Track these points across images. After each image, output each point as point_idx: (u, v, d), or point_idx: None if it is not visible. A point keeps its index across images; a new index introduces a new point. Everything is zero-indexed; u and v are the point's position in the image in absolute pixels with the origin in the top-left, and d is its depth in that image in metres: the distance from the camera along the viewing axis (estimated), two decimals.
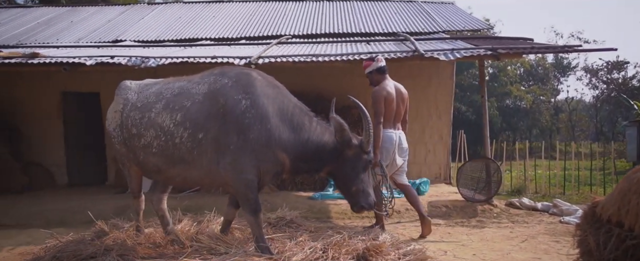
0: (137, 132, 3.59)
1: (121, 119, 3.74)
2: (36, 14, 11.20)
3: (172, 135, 3.42)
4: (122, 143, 3.78)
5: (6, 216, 5.78)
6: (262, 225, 3.46)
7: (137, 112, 3.64)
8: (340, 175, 3.54)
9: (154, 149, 3.51)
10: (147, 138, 3.54)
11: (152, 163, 3.60)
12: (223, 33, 9.32)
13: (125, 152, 3.81)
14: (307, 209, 6.07)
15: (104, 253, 3.39)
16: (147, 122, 3.55)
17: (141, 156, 3.64)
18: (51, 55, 6.42)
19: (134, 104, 3.71)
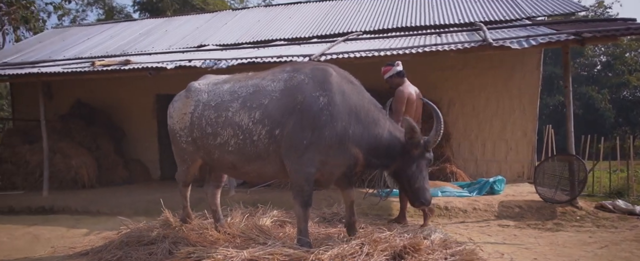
0: (212, 131, 3.59)
1: (192, 119, 3.76)
2: (139, 26, 12.50)
3: (251, 133, 3.43)
4: (190, 142, 3.85)
5: (105, 205, 6.56)
6: (308, 219, 3.56)
7: (212, 111, 3.62)
8: (406, 172, 3.59)
9: (230, 147, 3.52)
10: (223, 137, 3.54)
11: (227, 161, 3.61)
12: (296, 33, 9.59)
13: (192, 150, 3.89)
14: (369, 206, 6.05)
15: (162, 239, 3.74)
16: (224, 121, 3.54)
17: (216, 154, 3.62)
18: (140, 62, 7.18)
19: (207, 104, 3.70)
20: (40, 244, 4.42)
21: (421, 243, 3.23)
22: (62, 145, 8.40)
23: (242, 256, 3.04)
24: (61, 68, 7.49)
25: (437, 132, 3.48)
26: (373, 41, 7.86)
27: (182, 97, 4.01)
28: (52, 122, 9.10)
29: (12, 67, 8.86)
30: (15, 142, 8.42)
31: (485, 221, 5.39)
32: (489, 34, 6.39)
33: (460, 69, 8.81)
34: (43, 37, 13.02)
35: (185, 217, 4.31)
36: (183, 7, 23.87)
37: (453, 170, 7.67)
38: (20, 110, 11.10)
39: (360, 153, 3.47)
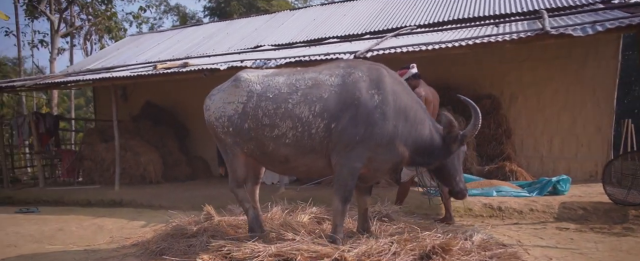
0: (270, 123, 3.53)
1: (244, 110, 3.65)
2: (203, 30, 13.16)
3: (310, 125, 3.44)
4: (235, 134, 3.71)
5: (166, 200, 7.00)
6: (345, 215, 3.61)
7: (270, 103, 3.56)
8: (446, 166, 3.72)
9: (287, 140, 3.50)
10: (281, 129, 3.50)
11: (281, 154, 3.59)
12: (349, 30, 9.55)
13: (231, 142, 3.76)
14: (418, 205, 5.90)
15: (202, 233, 3.92)
16: (283, 112, 3.50)
17: (270, 147, 3.58)
18: (197, 64, 7.55)
19: (262, 95, 3.62)
20: (102, 234, 4.82)
21: (452, 243, 3.09)
22: (133, 143, 9.08)
23: (269, 251, 3.11)
24: (129, 73, 8.10)
25: (474, 127, 3.55)
26: (425, 35, 7.62)
27: (229, 87, 3.83)
28: (125, 122, 9.88)
29: (92, 72, 9.73)
30: (94, 140, 9.24)
31: (542, 223, 5.02)
32: (549, 22, 5.93)
33: (522, 61, 8.27)
34: (121, 45, 14.16)
35: (255, 225, 3.83)
36: (249, 9, 24.71)
37: (513, 169, 7.23)
38: (100, 112, 12.19)
39: (407, 151, 3.58)
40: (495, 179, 6.85)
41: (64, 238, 4.70)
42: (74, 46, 20.73)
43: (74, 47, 20.85)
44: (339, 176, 3.50)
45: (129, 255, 3.79)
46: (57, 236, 4.76)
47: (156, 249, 3.74)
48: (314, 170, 3.78)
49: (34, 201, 7.85)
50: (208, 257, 3.15)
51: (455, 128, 3.56)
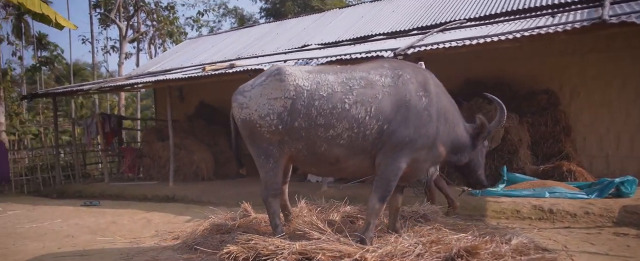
0: (325, 123, 3.41)
1: (293, 107, 3.46)
2: (255, 31, 13.51)
3: (366, 127, 3.40)
4: (285, 132, 3.50)
5: (213, 196, 7.28)
6: (381, 215, 3.67)
7: (325, 102, 3.43)
8: (474, 163, 3.96)
9: (342, 141, 3.43)
10: (337, 130, 3.41)
11: (333, 155, 3.49)
12: (397, 27, 9.39)
13: (279, 141, 3.54)
14: (461, 206, 5.68)
15: (235, 229, 4.04)
16: (340, 113, 3.40)
17: (323, 147, 3.47)
18: (243, 65, 7.77)
19: (316, 93, 3.46)
20: (150, 227, 5.11)
21: (480, 247, 2.94)
22: (187, 142, 9.53)
23: (293, 248, 3.14)
24: (181, 75, 8.50)
25: (498, 123, 3.83)
26: (474, 29, 7.32)
27: (271, 82, 3.58)
28: (181, 122, 10.39)
29: (151, 75, 10.34)
30: (152, 139, 9.80)
31: (598, 228, 4.64)
32: (609, 10, 5.47)
33: (586, 53, 7.67)
34: (179, 48, 14.90)
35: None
36: (304, 9, 25.01)
37: (571, 169, 6.73)
38: (160, 112, 12.89)
39: (445, 151, 3.71)
40: (550, 180, 6.43)
41: (116, 230, 5.04)
42: (140, 51, 22.15)
43: (140, 52, 22.26)
44: (382, 176, 3.50)
45: (168, 248, 3.99)
46: (110, 229, 5.11)
47: (192, 243, 3.90)
48: (360, 171, 3.75)
49: (100, 195, 8.48)
50: (236, 249, 3.23)
51: (487, 128, 3.78)
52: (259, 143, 3.63)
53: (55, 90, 10.59)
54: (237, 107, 3.70)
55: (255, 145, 3.67)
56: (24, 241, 4.53)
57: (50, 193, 9.15)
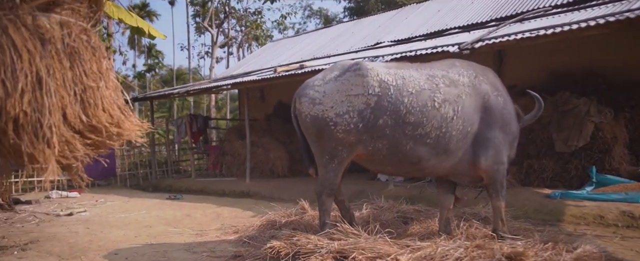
0: (415, 120, 3.32)
1: (379, 103, 3.33)
2: (331, 31, 13.68)
3: (452, 126, 3.37)
4: (364, 131, 3.37)
5: (284, 193, 7.55)
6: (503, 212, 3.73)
7: (415, 99, 3.33)
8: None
9: (429, 140, 3.36)
10: (426, 128, 3.33)
11: (416, 155, 3.40)
12: (474, 19, 8.91)
13: (353, 140, 3.41)
14: (536, 209, 5.31)
15: (288, 225, 4.18)
16: (429, 111, 3.33)
17: (408, 146, 3.36)
18: (311, 65, 7.94)
19: (403, 89, 3.34)
20: (218, 221, 5.47)
21: (527, 254, 2.73)
22: (264, 140, 9.98)
23: (331, 247, 3.17)
24: (256, 77, 8.92)
25: (533, 117, 3.88)
26: (557, 17, 6.71)
27: (350, 77, 3.41)
28: (259, 121, 10.90)
29: (232, 78, 10.99)
30: (232, 138, 10.42)
31: None
32: None
33: None
34: (261, 51, 15.61)
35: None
36: (388, 6, 24.69)
37: None
38: (242, 112, 13.62)
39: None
40: None
41: (188, 222, 5.47)
42: (230, 54, 23.61)
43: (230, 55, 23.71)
44: (494, 179, 3.59)
45: (225, 241, 4.24)
46: (183, 221, 5.57)
47: (247, 238, 4.11)
48: (436, 171, 3.68)
49: (186, 189, 9.23)
50: (278, 245, 3.35)
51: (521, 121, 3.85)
52: (327, 142, 3.45)
53: (151, 94, 11.72)
54: (308, 102, 3.47)
55: (321, 144, 3.51)
56: (111, 228, 5.12)
57: (147, 186, 10.16)
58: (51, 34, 1.96)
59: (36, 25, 1.94)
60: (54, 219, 5.94)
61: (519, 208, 5.29)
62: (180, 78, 30.16)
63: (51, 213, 6.30)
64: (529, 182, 6.69)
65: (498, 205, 3.64)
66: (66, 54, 2.02)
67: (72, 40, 2.04)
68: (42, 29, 1.95)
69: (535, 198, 5.65)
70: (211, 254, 3.82)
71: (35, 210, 6.61)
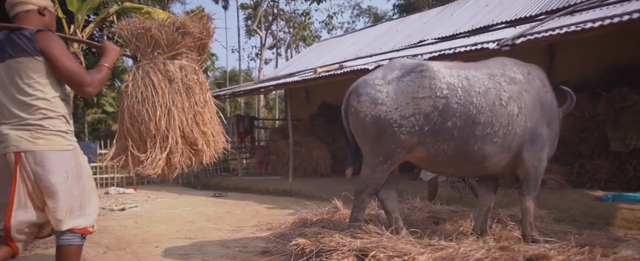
0: (485, 120, 3.30)
1: (447, 106, 3.27)
2: (376, 30, 13.60)
3: (517, 124, 3.38)
4: (429, 133, 3.32)
5: (324, 191, 7.62)
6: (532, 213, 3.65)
7: (483, 99, 3.31)
8: None
9: (497, 138, 3.34)
10: (495, 127, 3.32)
11: (482, 154, 3.37)
12: (523, 12, 8.52)
13: (415, 142, 3.36)
14: (583, 211, 5.05)
15: (318, 223, 4.25)
16: (498, 109, 3.32)
17: (475, 146, 3.33)
18: (350, 65, 7.97)
19: (471, 90, 3.32)
20: (256, 218, 5.63)
21: (551, 257, 2.61)
22: (307, 140, 10.13)
23: (353, 245, 3.20)
24: (297, 77, 9.07)
25: (564, 112, 3.81)
26: (613, 7, 6.28)
27: (415, 78, 3.34)
28: (303, 121, 11.07)
29: (277, 78, 11.24)
30: (277, 137, 10.67)
31: None
32: None
33: None
34: (307, 52, 15.80)
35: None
36: (439, 1, 24.11)
37: None
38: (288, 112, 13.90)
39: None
40: None
41: (227, 218, 5.69)
42: (279, 55, 24.09)
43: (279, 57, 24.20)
44: (531, 176, 3.53)
45: (258, 238, 4.37)
46: (223, 217, 5.79)
47: (278, 235, 4.22)
48: (494, 170, 3.63)
49: (232, 188, 9.57)
50: (303, 242, 3.42)
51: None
52: (385, 143, 3.38)
53: None
54: (369, 102, 3.35)
55: (378, 144, 3.40)
56: (156, 223, 5.44)
57: (197, 184, 10.64)
58: (175, 75, 2.90)
59: (166, 70, 2.90)
60: (108, 213, 6.39)
61: (565, 211, 5.05)
62: (233, 80, 31.20)
63: (106, 208, 6.78)
64: (581, 183, 6.34)
65: (528, 205, 3.54)
66: (184, 89, 2.93)
67: (188, 80, 2.96)
68: (169, 72, 2.89)
69: (584, 200, 5.36)
70: (242, 249, 3.96)
71: None
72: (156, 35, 2.91)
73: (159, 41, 2.92)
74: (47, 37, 2.26)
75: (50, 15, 2.46)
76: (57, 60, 2.25)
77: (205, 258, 3.77)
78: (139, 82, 2.87)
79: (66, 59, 2.28)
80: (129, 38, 2.98)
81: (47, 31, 2.31)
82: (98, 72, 2.40)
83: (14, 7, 2.38)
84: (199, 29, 3.07)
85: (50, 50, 2.24)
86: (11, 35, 2.26)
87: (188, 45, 3.03)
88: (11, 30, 2.28)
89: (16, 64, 2.24)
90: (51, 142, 2.27)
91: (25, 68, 2.24)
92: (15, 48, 2.23)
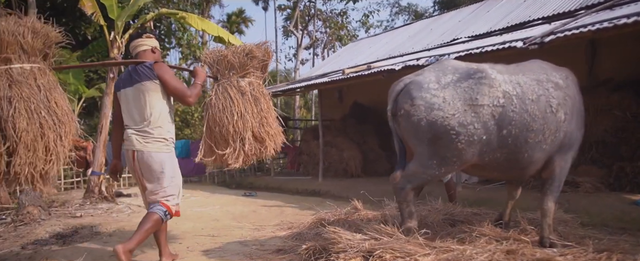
0: (537, 128, 3.27)
1: (504, 114, 3.21)
2: (410, 29, 13.43)
3: (563, 128, 3.37)
4: (486, 143, 3.24)
5: (352, 192, 7.60)
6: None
7: (536, 106, 3.27)
8: None
9: (546, 145, 3.33)
10: (546, 134, 3.31)
11: (530, 159, 3.36)
12: (562, 7, 8.18)
13: (473, 151, 3.26)
14: (616, 216, 4.82)
15: (335, 222, 4.29)
16: (549, 116, 3.31)
17: (527, 153, 3.30)
18: (378, 66, 7.94)
19: (525, 98, 3.28)
20: (280, 217, 5.75)
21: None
22: (338, 140, 10.18)
23: (361, 246, 3.22)
24: (327, 78, 9.14)
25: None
26: None
27: (474, 85, 3.26)
28: (335, 121, 11.13)
29: (309, 79, 11.37)
30: (309, 138, 10.79)
31: None
32: None
33: None
34: (342, 52, 15.83)
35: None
36: None
37: None
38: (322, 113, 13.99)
39: None
40: None
41: (251, 217, 5.84)
42: (316, 55, 24.26)
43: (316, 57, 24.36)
44: (557, 178, 3.50)
45: (277, 237, 4.47)
46: (248, 216, 5.95)
47: (295, 234, 4.31)
48: (532, 173, 3.60)
49: (264, 187, 9.78)
50: (312, 244, 3.48)
51: None
52: (441, 149, 3.27)
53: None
54: (425, 106, 3.24)
55: (433, 149, 3.29)
56: (184, 221, 5.66)
57: (231, 183, 10.94)
58: (246, 89, 3.73)
59: (239, 85, 3.73)
60: (143, 211, 6.69)
61: (595, 215, 4.82)
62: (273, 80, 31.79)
63: (142, 206, 7.12)
64: (620, 187, 6.06)
65: (550, 206, 3.46)
66: (253, 99, 3.74)
67: (255, 92, 3.78)
68: (242, 87, 3.73)
69: (618, 204, 5.10)
70: (260, 247, 4.08)
71: (131, 203, 7.53)
72: (231, 60, 3.75)
73: (233, 64, 3.75)
74: (161, 66, 3.35)
75: (158, 52, 3.58)
76: (168, 82, 3.31)
77: (223, 255, 3.92)
78: (219, 95, 3.72)
79: (174, 81, 3.36)
80: (212, 63, 3.87)
81: (160, 62, 3.40)
82: (194, 88, 3.44)
83: (136, 48, 3.50)
84: (262, 53, 3.88)
85: (164, 75, 3.31)
86: (137, 67, 3.31)
87: (254, 66, 3.84)
88: (136, 64, 3.35)
89: (141, 86, 3.29)
90: (154, 146, 3.30)
91: (147, 89, 3.28)
92: (140, 75, 3.28)
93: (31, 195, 6.14)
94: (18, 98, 2.72)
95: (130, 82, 3.34)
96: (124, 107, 3.41)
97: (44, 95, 2.85)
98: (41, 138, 2.76)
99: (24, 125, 2.68)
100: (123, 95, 3.40)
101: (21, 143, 2.67)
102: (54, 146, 2.81)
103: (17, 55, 2.84)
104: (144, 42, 3.50)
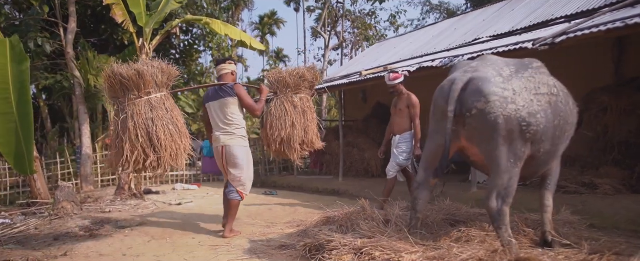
0: (571, 122, 3.43)
1: (556, 105, 3.23)
2: (435, 29, 13.33)
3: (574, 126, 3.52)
4: (543, 132, 3.16)
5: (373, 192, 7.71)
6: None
7: (567, 100, 3.41)
8: None
9: (568, 141, 3.54)
10: (571, 129, 3.47)
11: (556, 155, 3.50)
12: (585, 6, 7.95)
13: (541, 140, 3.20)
14: (630, 219, 4.76)
15: (338, 221, 4.44)
16: (573, 112, 3.45)
17: (562, 145, 3.46)
18: (395, 68, 7.99)
19: (564, 89, 3.45)
20: (292, 216, 5.94)
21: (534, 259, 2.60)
22: (360, 140, 10.28)
23: (354, 244, 3.37)
24: (347, 80, 9.27)
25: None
26: None
27: (535, 75, 3.29)
28: (357, 121, 11.23)
29: (333, 80, 11.52)
30: (331, 138, 10.92)
31: None
32: None
33: None
34: (367, 52, 15.89)
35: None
36: None
37: None
38: (346, 113, 14.09)
39: None
40: None
41: (266, 215, 6.07)
42: (345, 56, 24.35)
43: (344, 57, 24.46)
44: (555, 177, 3.65)
45: (284, 234, 4.67)
46: (263, 214, 6.18)
47: (301, 232, 4.49)
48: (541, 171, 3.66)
49: (286, 186, 10.02)
50: (310, 242, 3.65)
51: None
52: (515, 144, 3.11)
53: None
54: (500, 101, 3.09)
55: (507, 147, 3.13)
56: (203, 217, 5.97)
57: (256, 182, 11.17)
58: (297, 103, 4.82)
59: (292, 100, 4.82)
60: (167, 207, 7.08)
61: (609, 218, 4.76)
62: None
63: (166, 203, 7.50)
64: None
65: (550, 203, 3.60)
66: (302, 112, 4.83)
67: (304, 106, 4.88)
68: (294, 102, 4.82)
69: (634, 207, 4.98)
70: (266, 243, 4.28)
71: (158, 200, 7.93)
72: (288, 80, 4.82)
73: (289, 83, 4.82)
74: (239, 87, 4.67)
75: (236, 74, 4.89)
76: (244, 99, 4.63)
77: (231, 250, 4.14)
78: (277, 107, 4.80)
79: (247, 98, 4.65)
80: (273, 82, 4.93)
81: (238, 84, 4.70)
82: (260, 103, 4.73)
83: (220, 71, 4.82)
84: (311, 75, 4.98)
85: (241, 94, 4.63)
86: (222, 87, 4.65)
87: (305, 86, 4.92)
88: (221, 85, 4.67)
89: (224, 101, 4.61)
90: (237, 142, 4.65)
91: (229, 103, 4.62)
92: (224, 93, 4.61)
93: (66, 192, 6.60)
94: (157, 118, 3.95)
95: (215, 97, 4.66)
96: (212, 115, 4.71)
97: (170, 114, 4.05)
98: (172, 143, 3.98)
99: (162, 136, 3.93)
100: (211, 107, 4.72)
101: (162, 147, 3.91)
102: (178, 148, 4.05)
103: (154, 88, 3.99)
104: (226, 67, 4.80)
